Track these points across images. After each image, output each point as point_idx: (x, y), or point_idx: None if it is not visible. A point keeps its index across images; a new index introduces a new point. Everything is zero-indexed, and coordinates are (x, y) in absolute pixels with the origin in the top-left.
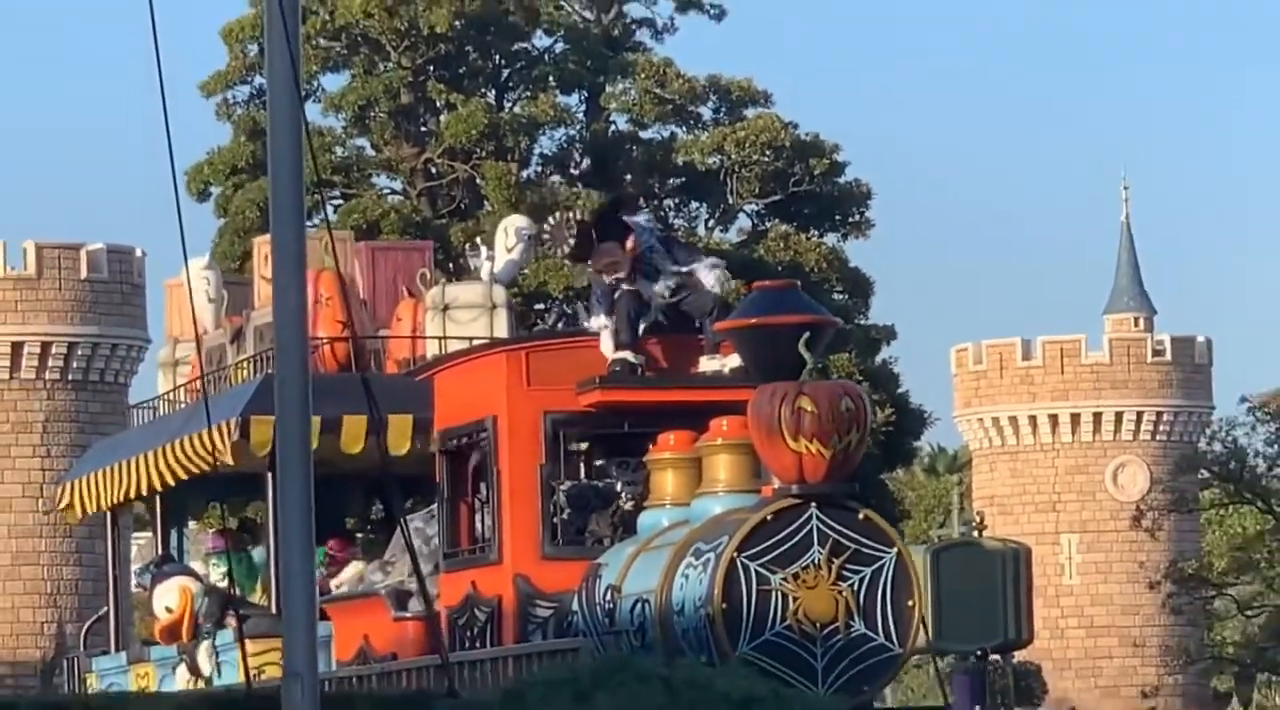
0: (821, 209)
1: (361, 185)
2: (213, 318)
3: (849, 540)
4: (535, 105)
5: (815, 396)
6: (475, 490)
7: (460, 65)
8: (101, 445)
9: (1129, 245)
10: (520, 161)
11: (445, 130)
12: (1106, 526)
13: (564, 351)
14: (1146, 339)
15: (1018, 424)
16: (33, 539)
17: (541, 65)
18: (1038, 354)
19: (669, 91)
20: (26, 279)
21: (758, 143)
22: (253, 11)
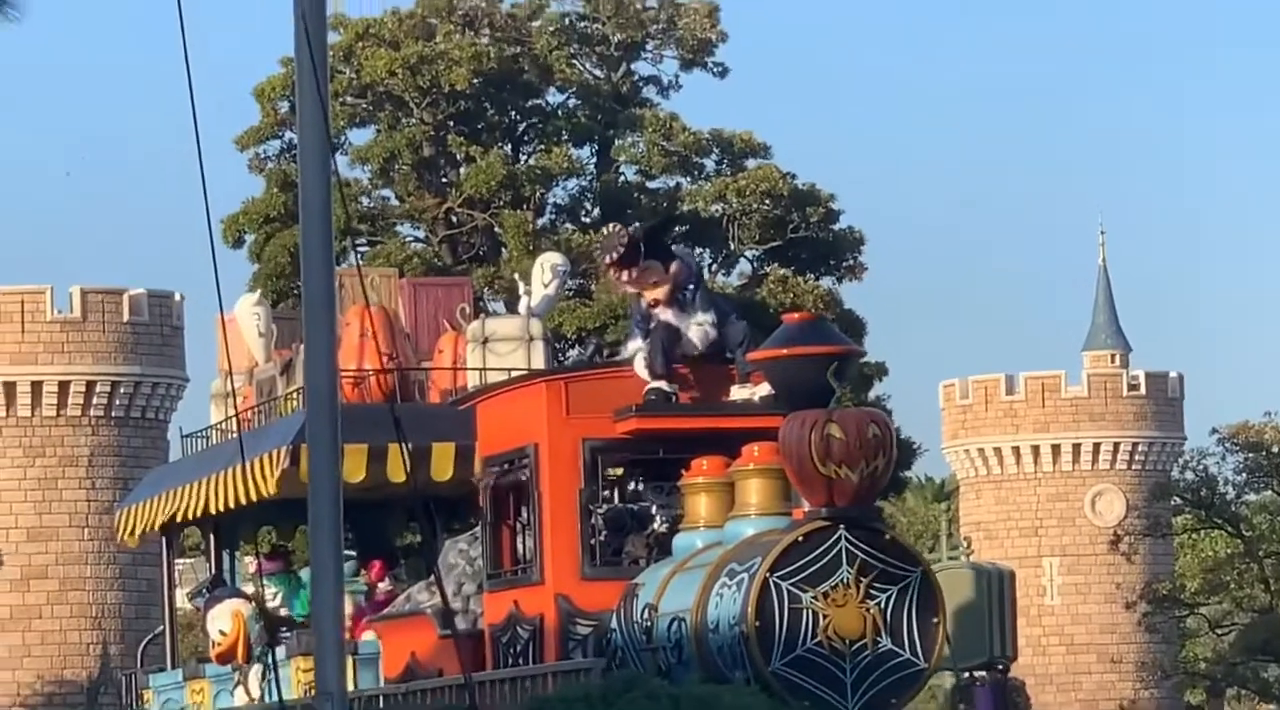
0: (818, 254)
1: (386, 233)
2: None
3: (876, 560)
4: (549, 157)
5: (844, 423)
6: (517, 514)
7: (479, 120)
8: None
9: (1105, 286)
10: (536, 210)
11: (465, 181)
12: (1086, 550)
13: (601, 381)
14: (1122, 374)
15: (1002, 454)
16: (79, 566)
17: (555, 120)
18: (1020, 389)
19: (675, 144)
20: (73, 322)
21: (758, 192)
22: (283, 72)
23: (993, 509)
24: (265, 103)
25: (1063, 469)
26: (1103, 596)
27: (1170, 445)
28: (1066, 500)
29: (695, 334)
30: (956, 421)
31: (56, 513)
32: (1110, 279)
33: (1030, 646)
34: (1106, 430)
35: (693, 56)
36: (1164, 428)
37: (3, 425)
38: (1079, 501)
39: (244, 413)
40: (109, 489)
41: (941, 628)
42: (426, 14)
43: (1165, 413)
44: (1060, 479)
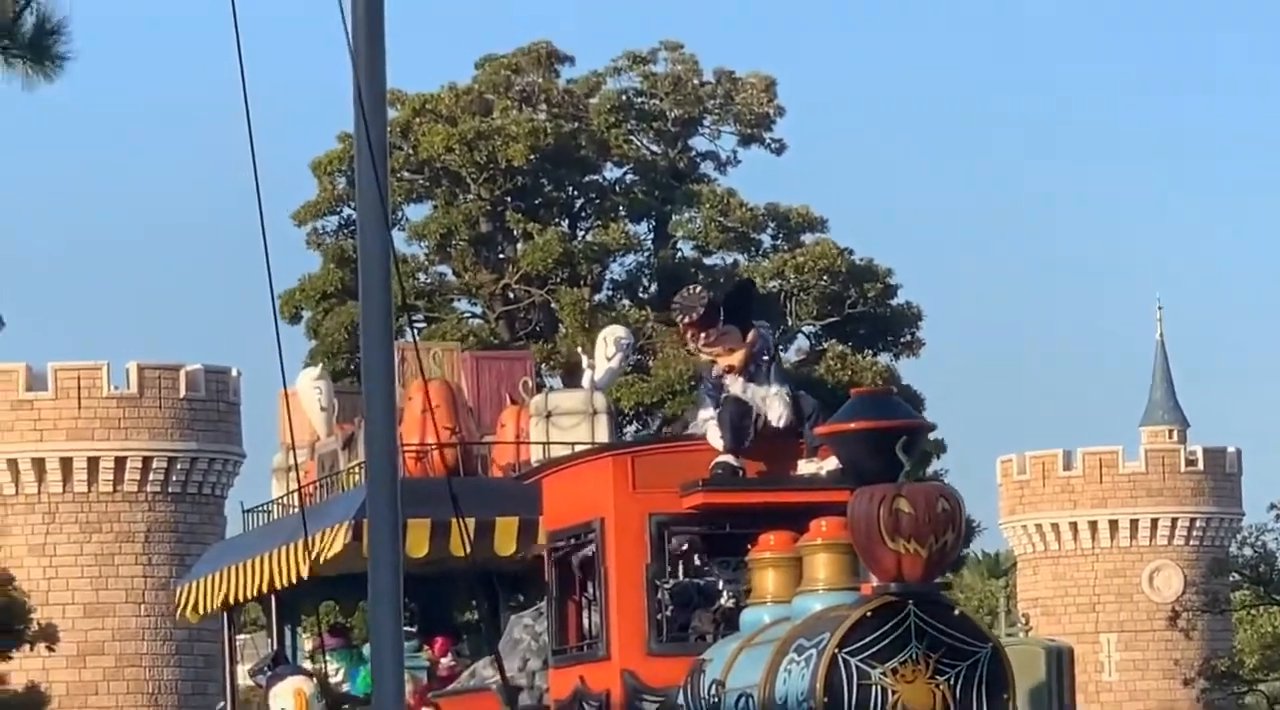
0: (875, 329)
1: (443, 309)
2: (325, 425)
3: (945, 636)
4: (606, 233)
5: (913, 498)
6: (582, 589)
7: (536, 196)
8: (217, 548)
9: (1163, 362)
10: (593, 287)
11: (522, 257)
12: (1144, 626)
13: (668, 455)
14: (1180, 450)
15: (1059, 530)
16: (135, 642)
17: (612, 196)
18: (1078, 464)
19: (732, 220)
20: (129, 398)
21: (815, 268)
22: (340, 147)
23: (1050, 585)
24: (323, 177)
25: (1120, 545)
26: (1161, 673)
27: (1228, 521)
28: (1124, 576)
29: (775, 407)
30: (1014, 497)
31: (113, 589)
32: (1168, 354)
33: None
34: (1164, 506)
35: (750, 132)
36: (1222, 503)
37: (60, 501)
38: (1137, 577)
39: (306, 487)
40: (165, 565)
41: (1011, 704)
42: (484, 90)
43: (1223, 488)
44: (1118, 555)
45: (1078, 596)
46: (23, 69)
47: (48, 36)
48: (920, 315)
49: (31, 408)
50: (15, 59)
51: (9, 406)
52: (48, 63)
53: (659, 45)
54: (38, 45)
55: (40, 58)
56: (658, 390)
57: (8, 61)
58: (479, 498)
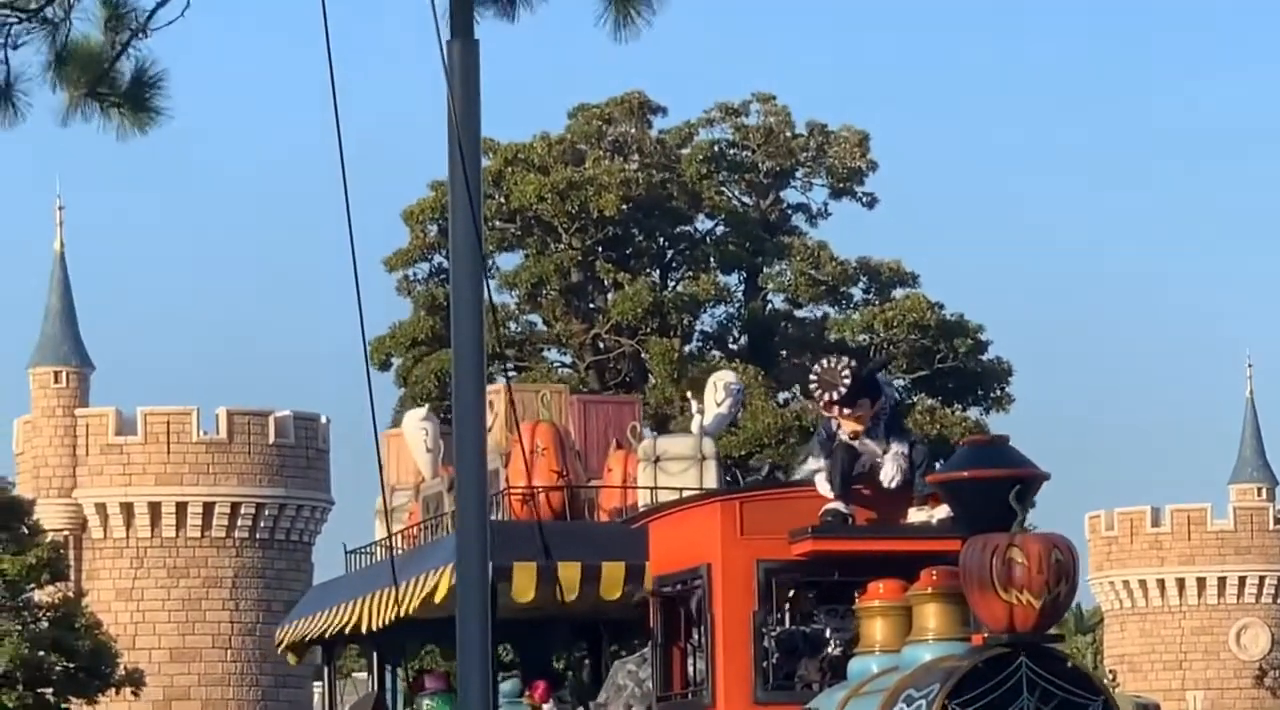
0: (965, 384)
1: (534, 358)
2: (430, 467)
3: (1057, 688)
4: (697, 284)
5: (1026, 548)
6: (688, 635)
7: (627, 246)
8: (319, 589)
9: (1253, 419)
10: (683, 337)
11: (613, 307)
12: (1230, 684)
13: (776, 502)
14: (1269, 508)
15: (1147, 587)
16: (221, 687)
17: (703, 246)
18: (1166, 521)
19: (822, 273)
20: (218, 443)
21: (905, 322)
22: (432, 195)
23: (1137, 641)
24: (414, 225)
25: (1208, 602)
26: None
27: None
28: (1211, 633)
29: (888, 467)
30: (1102, 553)
31: (200, 634)
32: (1258, 412)
33: None
34: (1252, 563)
35: (842, 185)
36: None
37: (148, 546)
38: (1224, 635)
39: (410, 529)
40: (252, 610)
41: None
42: (576, 140)
43: None
44: (1205, 612)
45: (1164, 653)
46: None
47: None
48: (1010, 370)
49: (121, 452)
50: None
51: (99, 450)
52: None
53: (751, 97)
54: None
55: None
56: (747, 443)
57: (104, 109)
58: (585, 542)
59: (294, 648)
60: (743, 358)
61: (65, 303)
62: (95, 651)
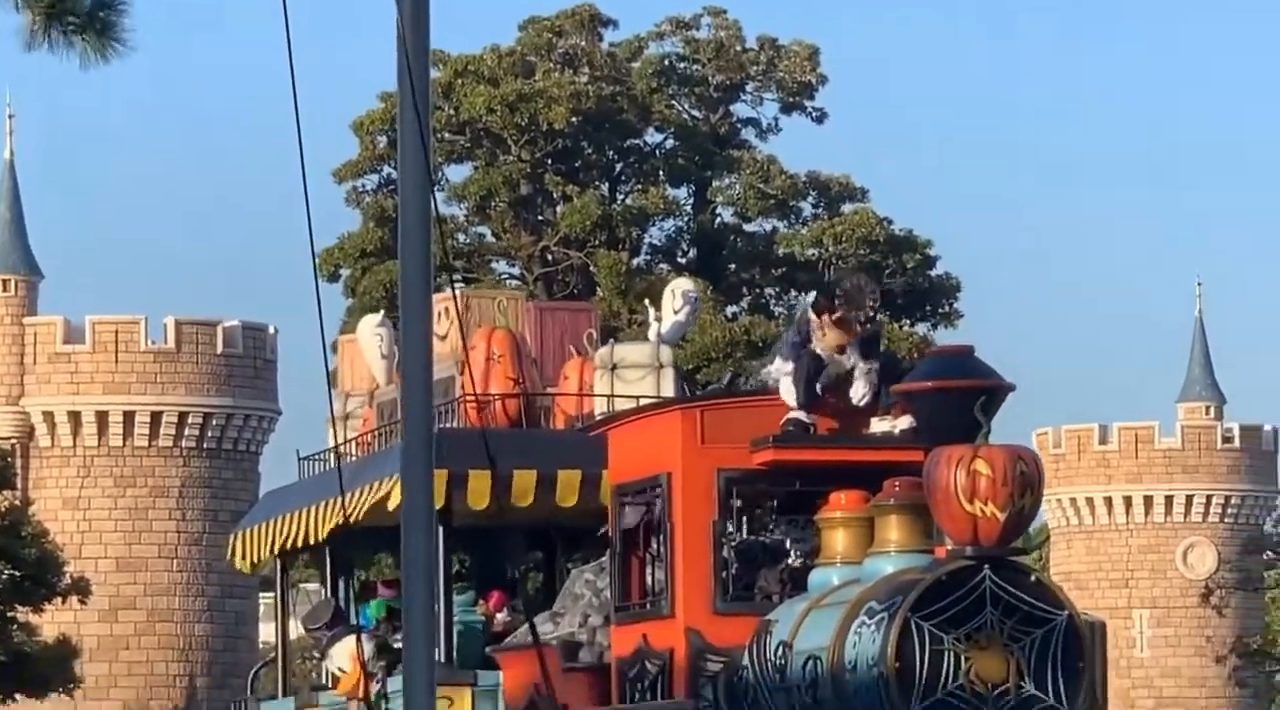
0: (913, 300)
1: (482, 270)
2: (385, 373)
3: (1021, 602)
4: (646, 198)
5: (991, 460)
6: (647, 544)
7: (576, 159)
8: (271, 497)
9: (1201, 338)
10: (631, 250)
11: (561, 220)
12: (1176, 603)
13: (737, 410)
14: (1216, 427)
15: (1094, 505)
16: (167, 597)
17: (652, 160)
18: (1114, 439)
19: (772, 187)
20: (166, 353)
21: (854, 237)
22: (382, 106)
23: (1084, 559)
24: (364, 136)
25: (1155, 521)
26: (1193, 650)
27: (1264, 499)
28: (1158, 552)
29: (859, 385)
30: (1049, 470)
31: (146, 544)
32: (1206, 331)
33: (1119, 699)
34: (1199, 483)
35: (792, 99)
36: (1258, 481)
37: (95, 455)
38: (1170, 554)
39: (365, 436)
40: (199, 520)
41: (1088, 674)
42: (526, 52)
43: (1259, 466)
44: (1152, 531)
45: (1111, 572)
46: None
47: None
48: (959, 286)
49: (69, 361)
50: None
51: (46, 359)
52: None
53: (702, 11)
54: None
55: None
56: (695, 357)
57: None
58: (541, 449)
59: (246, 556)
60: (691, 271)
61: (15, 212)
62: (41, 560)
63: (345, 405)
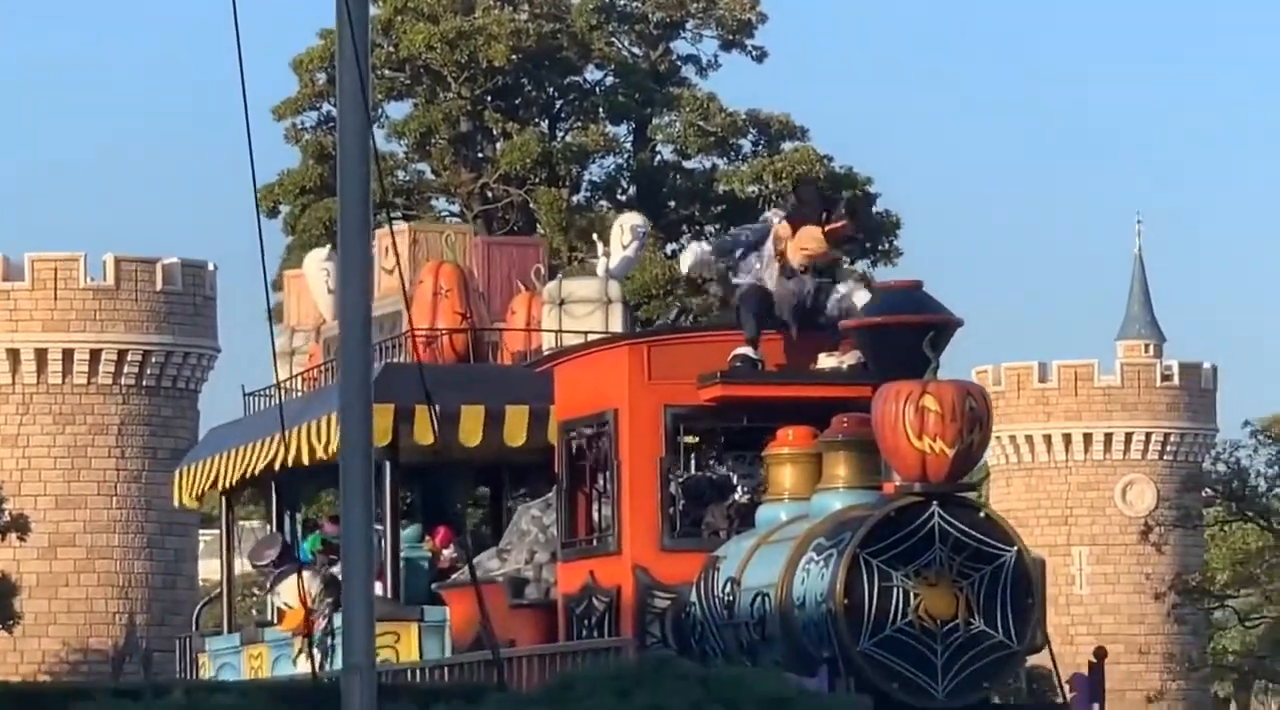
0: None
1: (421, 207)
2: (331, 308)
3: (970, 538)
4: (586, 135)
5: (940, 395)
6: (593, 481)
7: (516, 96)
8: (217, 433)
9: (1141, 276)
10: (571, 187)
11: (501, 157)
12: (1115, 540)
13: (685, 346)
14: (1156, 364)
15: (1033, 442)
16: (106, 534)
17: (592, 97)
18: (1053, 377)
19: (712, 124)
20: (105, 290)
21: (794, 174)
22: (321, 43)
23: (1023, 497)
24: (303, 74)
25: (1094, 458)
26: (1132, 587)
27: (1202, 437)
28: (1097, 489)
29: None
30: None
31: (85, 481)
32: (1146, 269)
33: (1058, 635)
34: (1139, 420)
35: (732, 37)
36: (1196, 419)
37: (34, 393)
38: (1109, 491)
39: (310, 371)
40: (139, 458)
41: (1038, 610)
42: None
43: (1198, 404)
44: (1091, 468)
45: (1050, 509)
46: None
47: None
48: (898, 224)
49: (8, 298)
50: None
51: None
52: None
53: None
54: None
55: None
56: (634, 294)
57: None
58: (490, 386)
59: (190, 491)
60: (631, 208)
61: None
62: None
63: (291, 341)
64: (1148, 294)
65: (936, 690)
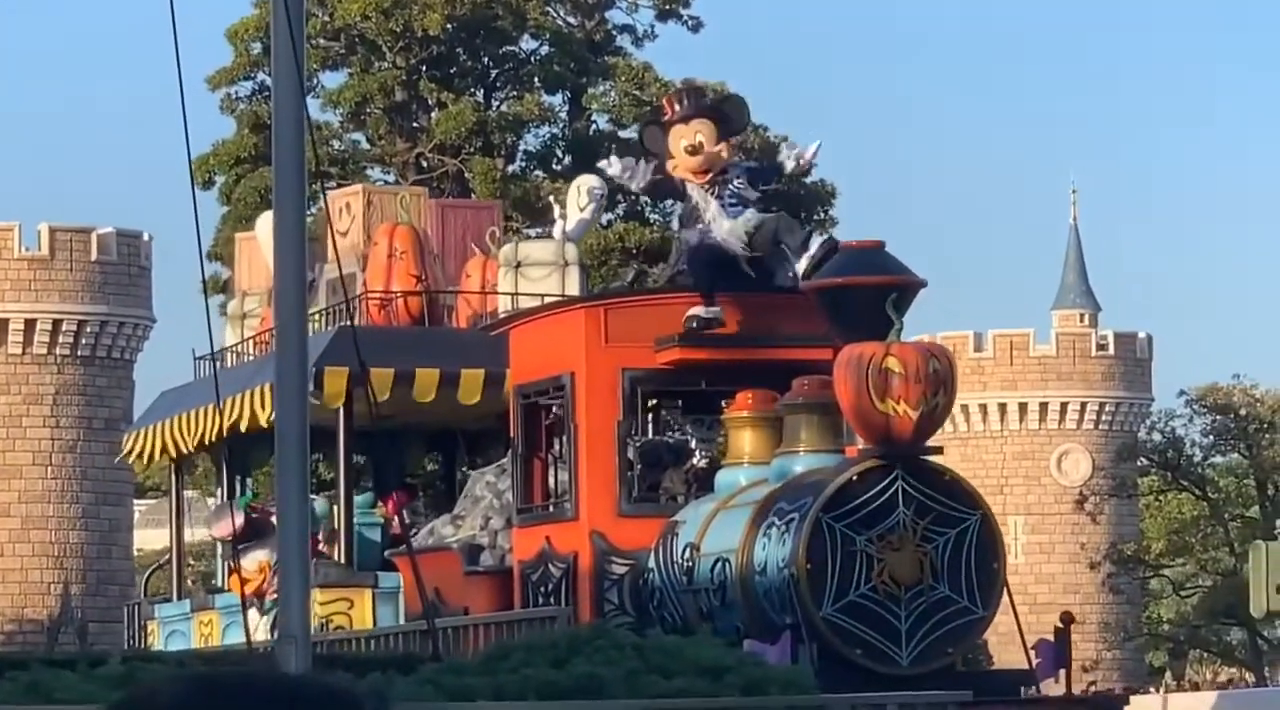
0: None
1: (356, 177)
2: None
3: (934, 502)
4: (521, 104)
5: (903, 357)
6: (549, 445)
7: (451, 66)
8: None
9: (1076, 246)
10: (506, 157)
11: (436, 127)
12: (1051, 510)
13: (642, 308)
14: (1091, 334)
15: (969, 412)
16: (41, 504)
17: (527, 67)
18: (988, 346)
19: (647, 94)
20: (40, 259)
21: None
22: (256, 13)
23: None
24: (237, 43)
25: (1029, 428)
26: (1067, 556)
27: (1138, 406)
28: (1032, 459)
29: None
30: None
31: (20, 451)
32: (1081, 238)
33: None
34: (1074, 390)
35: (667, 7)
36: (1132, 388)
37: None
38: (1045, 460)
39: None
40: (73, 428)
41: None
42: None
43: (1133, 373)
44: (1026, 438)
45: (986, 478)
46: None
47: None
48: (834, 193)
49: None
50: None
51: None
52: None
53: None
54: None
55: None
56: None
57: None
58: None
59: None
60: (566, 177)
61: None
62: None
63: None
64: (1083, 263)
65: (900, 656)
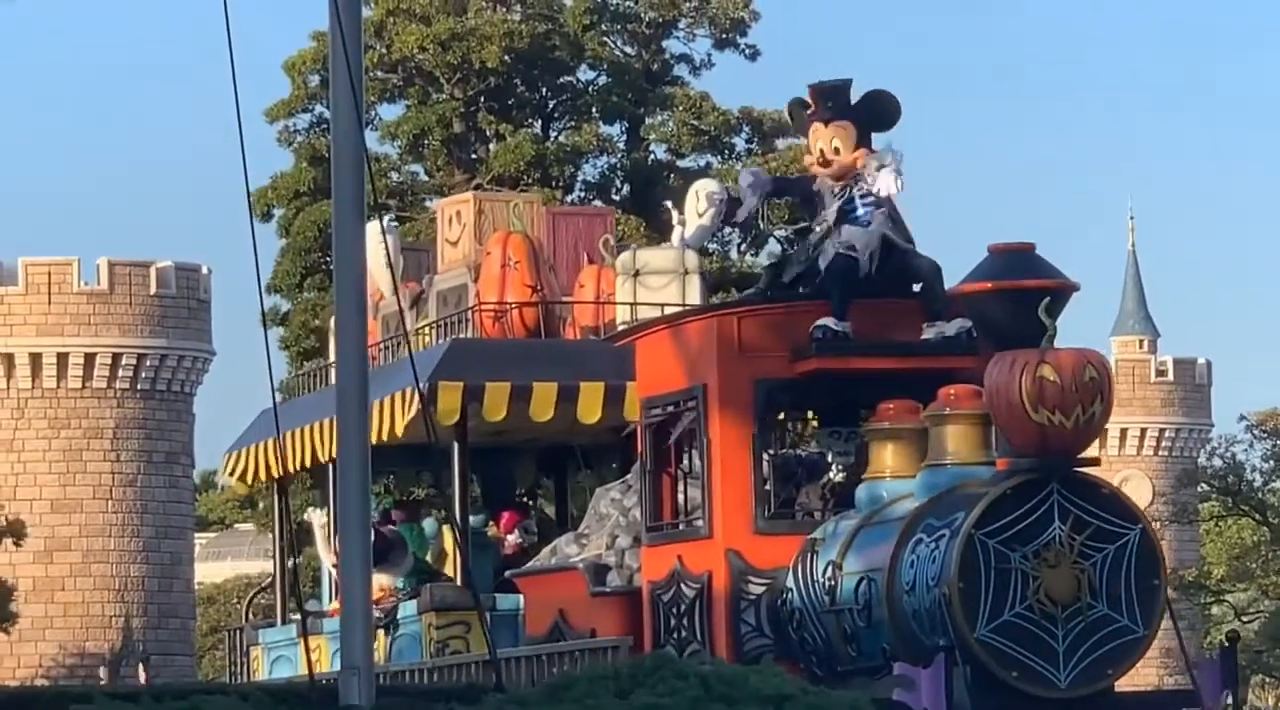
0: None
1: (415, 208)
2: (389, 283)
3: (1092, 516)
4: (579, 135)
5: (1058, 365)
6: (678, 460)
7: (509, 97)
8: (269, 414)
9: (1134, 271)
10: (564, 188)
11: (494, 158)
12: None
13: (777, 317)
14: (1150, 360)
15: None
16: (102, 538)
17: (585, 97)
18: None
19: (705, 123)
20: (99, 294)
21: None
22: (314, 45)
23: None
24: (295, 76)
25: None
26: None
27: (1197, 432)
28: None
29: None
30: None
31: (80, 485)
32: (1139, 264)
33: None
34: (1134, 416)
35: (725, 36)
36: (1191, 414)
37: (29, 397)
38: None
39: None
40: (133, 461)
41: (1163, 592)
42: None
43: (1193, 399)
44: None
45: None
46: None
47: None
48: None
49: (1, 302)
50: None
51: None
52: None
53: None
54: None
55: None
56: None
57: None
58: (563, 361)
59: (243, 474)
60: (625, 208)
61: None
62: None
63: None
64: (1142, 290)
65: (1059, 678)
